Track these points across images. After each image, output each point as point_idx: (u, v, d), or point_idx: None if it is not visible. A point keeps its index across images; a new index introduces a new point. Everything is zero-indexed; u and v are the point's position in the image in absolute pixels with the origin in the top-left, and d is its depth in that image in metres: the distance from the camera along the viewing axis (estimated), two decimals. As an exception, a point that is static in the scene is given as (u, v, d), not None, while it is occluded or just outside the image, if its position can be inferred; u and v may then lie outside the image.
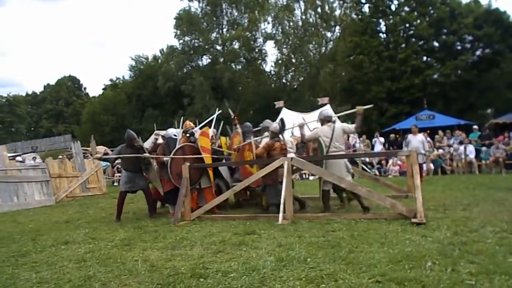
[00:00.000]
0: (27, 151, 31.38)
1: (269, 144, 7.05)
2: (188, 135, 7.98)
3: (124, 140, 7.89)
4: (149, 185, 8.13)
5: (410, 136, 11.56)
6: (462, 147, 14.34)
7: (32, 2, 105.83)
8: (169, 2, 74.94)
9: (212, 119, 8.99)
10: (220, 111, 9.35)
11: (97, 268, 4.23)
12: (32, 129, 66.59)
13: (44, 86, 68.62)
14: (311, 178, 14.25)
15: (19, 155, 22.69)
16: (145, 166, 7.87)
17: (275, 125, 7.33)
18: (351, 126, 7.12)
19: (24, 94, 69.28)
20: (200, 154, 7.61)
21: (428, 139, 14.16)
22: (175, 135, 8.01)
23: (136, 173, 7.75)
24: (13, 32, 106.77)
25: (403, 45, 27.95)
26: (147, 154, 7.62)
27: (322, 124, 7.14)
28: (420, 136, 11.52)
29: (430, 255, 3.83)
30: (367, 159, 15.60)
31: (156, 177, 7.90)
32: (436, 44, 27.86)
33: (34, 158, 20.07)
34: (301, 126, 7.65)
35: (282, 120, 7.56)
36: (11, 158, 14.71)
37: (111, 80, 51.94)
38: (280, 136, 7.25)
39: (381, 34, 29.69)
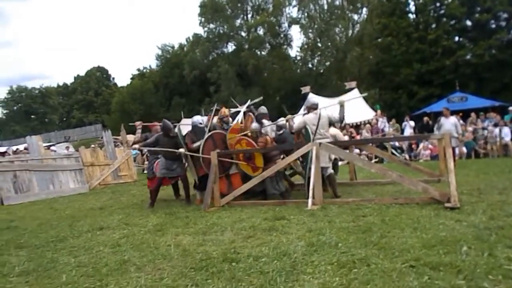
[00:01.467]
0: (60, 141, 32.45)
1: (265, 140, 7.17)
2: (223, 122, 8.03)
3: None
4: (186, 172, 8.18)
5: (442, 119, 11.23)
6: (497, 130, 13.85)
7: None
8: (193, -11, 74.84)
9: (244, 108, 8.89)
10: (255, 100, 9.26)
11: (131, 253, 4.35)
12: (64, 119, 68.61)
13: (74, 77, 70.40)
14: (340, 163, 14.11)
15: (53, 145, 23.47)
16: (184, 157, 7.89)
17: (254, 125, 7.60)
18: (336, 116, 7.13)
19: (55, 86, 71.34)
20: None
21: (461, 121, 13.73)
22: (200, 123, 8.03)
23: (174, 161, 7.75)
24: (43, 26, 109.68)
25: (434, 26, 27.02)
26: (182, 150, 7.64)
27: (308, 112, 7.23)
28: (453, 119, 11.15)
29: (465, 240, 3.74)
30: (396, 144, 15.29)
31: (192, 166, 7.89)
32: (468, 23, 26.76)
33: (67, 148, 20.74)
34: (288, 120, 7.90)
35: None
36: (46, 147, 15.22)
37: (138, 69, 52.84)
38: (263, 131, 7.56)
39: (410, 15, 28.77)
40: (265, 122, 7.86)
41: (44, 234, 5.83)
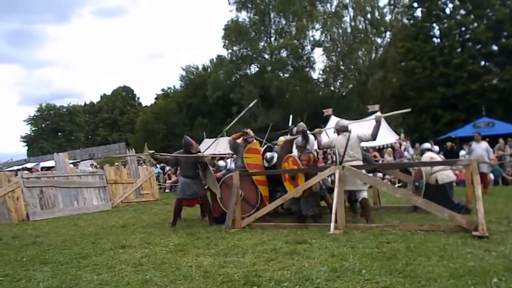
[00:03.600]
0: (85, 158, 33.12)
1: (309, 158, 7.14)
2: (247, 142, 8.05)
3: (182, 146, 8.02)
4: (207, 193, 8.17)
5: (473, 144, 11.00)
6: (525, 156, 13.46)
7: (92, 18, 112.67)
8: (218, 13, 76.75)
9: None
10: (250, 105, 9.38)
11: (153, 272, 4.37)
12: (90, 137, 70.16)
13: (101, 96, 72.25)
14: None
15: (78, 162, 23.96)
16: (203, 169, 7.91)
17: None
18: (367, 134, 7.01)
19: (82, 104, 73.40)
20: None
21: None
22: None
23: (194, 180, 7.77)
24: (74, 46, 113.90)
25: (459, 50, 26.70)
26: (200, 154, 7.72)
27: (338, 134, 7.19)
28: (484, 144, 10.90)
29: (495, 271, 3.62)
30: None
31: (214, 182, 7.88)
32: (495, 48, 26.38)
33: (91, 165, 21.14)
34: (318, 133, 7.77)
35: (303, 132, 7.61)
36: (72, 164, 15.55)
37: (162, 89, 53.85)
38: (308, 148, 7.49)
39: (434, 39, 28.58)
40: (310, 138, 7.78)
41: (68, 251, 5.93)
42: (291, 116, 9.37)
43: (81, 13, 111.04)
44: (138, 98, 71.54)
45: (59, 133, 66.86)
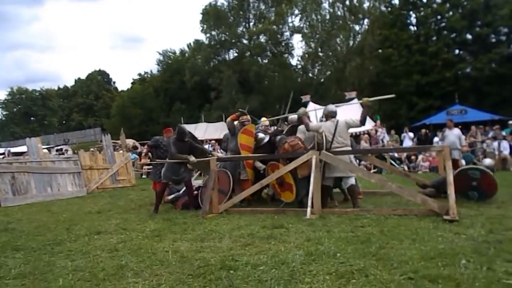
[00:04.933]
0: (59, 144, 32.42)
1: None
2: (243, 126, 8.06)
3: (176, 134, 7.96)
4: (191, 178, 8.16)
5: (446, 131, 11.26)
6: (495, 143, 13.88)
7: (66, 3, 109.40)
8: (196, -4, 75.27)
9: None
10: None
11: (129, 258, 4.33)
12: (64, 122, 68.63)
13: (75, 80, 70.54)
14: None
15: (57, 147, 23.45)
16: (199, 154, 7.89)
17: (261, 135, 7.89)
18: (355, 119, 6.90)
19: (56, 88, 71.48)
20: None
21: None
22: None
23: (181, 164, 7.72)
24: (49, 29, 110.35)
25: (434, 38, 27.14)
26: (193, 159, 7.67)
27: (326, 120, 7.09)
28: (457, 131, 11.16)
29: (464, 253, 3.74)
30: (395, 155, 15.31)
31: (207, 166, 7.88)
32: (469, 36, 26.91)
33: (66, 151, 20.73)
34: (303, 115, 7.29)
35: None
36: (45, 149, 15.20)
37: (139, 74, 53.02)
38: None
39: (411, 27, 28.92)
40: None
41: (41, 237, 5.81)
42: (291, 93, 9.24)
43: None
44: (114, 82, 70.36)
45: (32, 118, 65.07)
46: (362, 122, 6.90)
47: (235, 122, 8.16)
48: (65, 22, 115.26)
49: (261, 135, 8.11)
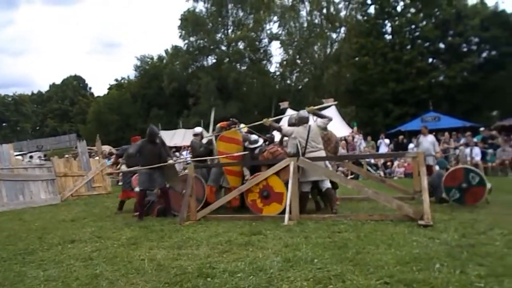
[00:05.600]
0: (33, 150, 31.56)
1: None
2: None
3: (145, 136, 7.81)
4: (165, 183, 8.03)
5: (421, 137, 11.50)
6: (468, 149, 14.25)
7: (42, 5, 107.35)
8: (174, 2, 75.08)
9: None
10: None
11: (104, 267, 4.24)
12: (38, 128, 66.94)
13: (50, 86, 69.00)
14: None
15: (28, 154, 22.82)
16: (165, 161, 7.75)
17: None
18: (324, 120, 7.08)
19: (30, 93, 69.76)
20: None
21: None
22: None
23: (154, 170, 7.54)
24: (23, 34, 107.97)
25: (409, 47, 27.85)
26: (171, 161, 7.68)
27: (298, 125, 7.07)
28: (431, 137, 11.41)
29: (438, 257, 3.82)
30: (372, 161, 15.54)
31: (176, 173, 7.91)
32: (442, 46, 27.74)
33: (39, 157, 20.19)
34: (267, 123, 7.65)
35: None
36: (17, 156, 14.77)
37: (116, 80, 52.22)
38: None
39: (386, 36, 29.57)
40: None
41: (12, 247, 5.63)
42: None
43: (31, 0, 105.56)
44: (90, 88, 69.15)
45: (4, 124, 63.27)
46: (326, 122, 7.09)
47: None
48: (40, 27, 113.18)
49: (254, 136, 8.08)
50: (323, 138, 7.19)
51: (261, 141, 8.09)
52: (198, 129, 8.96)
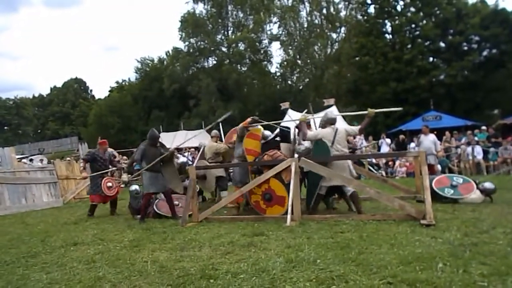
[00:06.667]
0: (34, 153, 31.60)
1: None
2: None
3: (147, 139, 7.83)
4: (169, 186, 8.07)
5: (422, 136, 11.49)
6: (469, 148, 14.24)
7: (42, 8, 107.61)
8: (174, 5, 75.19)
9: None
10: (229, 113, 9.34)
11: (106, 269, 4.25)
12: (39, 131, 67.01)
13: (51, 89, 69.10)
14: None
15: (29, 157, 22.82)
16: (165, 164, 7.82)
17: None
18: (355, 128, 6.93)
19: (31, 97, 69.92)
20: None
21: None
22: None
23: (158, 173, 7.61)
24: (23, 37, 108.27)
25: (409, 46, 27.81)
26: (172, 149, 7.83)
27: (324, 127, 6.95)
28: (432, 136, 11.38)
29: (440, 257, 3.81)
30: (373, 160, 15.53)
31: (176, 175, 8.05)
32: (442, 44, 27.67)
33: (41, 160, 20.20)
34: (303, 122, 7.14)
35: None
36: (19, 160, 14.80)
37: (117, 82, 52.28)
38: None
39: (386, 35, 29.53)
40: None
41: (15, 250, 5.64)
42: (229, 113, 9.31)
43: (31, 2, 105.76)
44: (91, 90, 69.28)
45: (5, 127, 63.40)
46: (361, 131, 6.92)
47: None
48: (40, 30, 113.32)
49: (267, 132, 8.04)
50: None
51: (272, 135, 8.02)
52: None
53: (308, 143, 7.14)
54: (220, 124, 9.93)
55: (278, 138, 8.03)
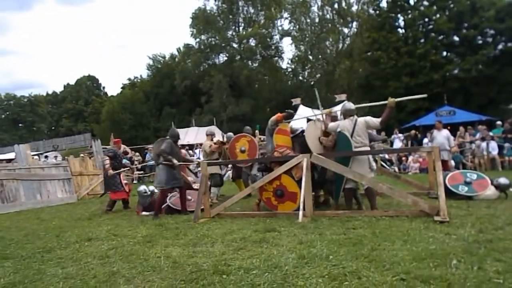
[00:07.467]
0: (49, 150, 32.07)
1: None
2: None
3: (170, 136, 8.09)
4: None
5: (435, 132, 11.36)
6: (484, 143, 14.04)
7: (56, 6, 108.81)
8: (185, 1, 75.28)
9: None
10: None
11: (120, 264, 4.30)
12: (53, 128, 67.93)
13: (64, 86, 69.88)
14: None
15: (44, 153, 23.19)
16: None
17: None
18: (375, 120, 6.75)
19: (44, 94, 70.85)
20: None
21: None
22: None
23: (175, 169, 7.82)
24: (36, 35, 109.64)
25: (422, 40, 27.42)
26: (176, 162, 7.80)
27: (344, 118, 6.86)
28: (445, 132, 11.25)
29: (455, 253, 3.78)
30: (386, 156, 15.41)
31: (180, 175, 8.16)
32: (456, 38, 27.21)
33: (55, 157, 20.48)
34: (328, 114, 7.20)
35: None
36: (34, 155, 15.04)
37: (129, 79, 52.57)
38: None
39: (399, 29, 29.17)
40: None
41: (31, 245, 5.74)
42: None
43: (44, 0, 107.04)
44: (104, 87, 69.82)
45: (20, 124, 64.36)
46: (383, 123, 6.72)
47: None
48: (53, 27, 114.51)
49: (295, 125, 7.87)
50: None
51: (301, 129, 7.79)
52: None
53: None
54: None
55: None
